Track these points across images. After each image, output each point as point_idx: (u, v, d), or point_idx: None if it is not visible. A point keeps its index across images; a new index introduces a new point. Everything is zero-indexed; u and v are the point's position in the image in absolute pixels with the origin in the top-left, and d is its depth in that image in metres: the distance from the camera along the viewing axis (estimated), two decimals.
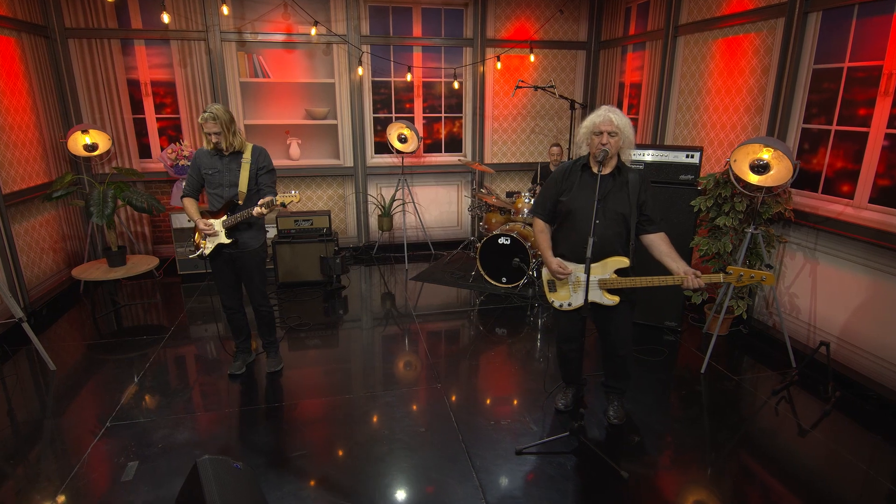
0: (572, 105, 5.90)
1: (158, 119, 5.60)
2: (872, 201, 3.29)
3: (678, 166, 3.94)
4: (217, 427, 2.98)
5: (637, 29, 5.50)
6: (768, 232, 3.76)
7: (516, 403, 3.22)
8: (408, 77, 5.94)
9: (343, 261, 5.13)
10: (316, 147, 6.22)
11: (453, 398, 3.27)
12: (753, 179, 3.42)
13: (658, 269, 2.58)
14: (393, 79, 6.03)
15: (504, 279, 5.07)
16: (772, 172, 3.36)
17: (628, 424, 3.00)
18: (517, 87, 5.97)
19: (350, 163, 6.07)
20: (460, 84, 6.10)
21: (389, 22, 5.86)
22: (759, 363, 3.74)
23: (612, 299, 2.66)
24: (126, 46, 5.34)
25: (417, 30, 5.93)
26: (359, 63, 5.74)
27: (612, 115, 2.51)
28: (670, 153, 3.97)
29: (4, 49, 4.36)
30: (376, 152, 6.20)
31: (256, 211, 3.02)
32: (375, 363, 3.80)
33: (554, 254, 2.76)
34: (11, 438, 2.87)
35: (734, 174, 3.54)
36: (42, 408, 3.19)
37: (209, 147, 3.13)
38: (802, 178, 3.73)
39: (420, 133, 5.85)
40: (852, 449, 2.79)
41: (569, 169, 2.72)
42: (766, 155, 3.35)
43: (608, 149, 2.50)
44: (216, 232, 3.17)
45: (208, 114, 2.99)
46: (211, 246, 3.22)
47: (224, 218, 3.17)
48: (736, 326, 4.14)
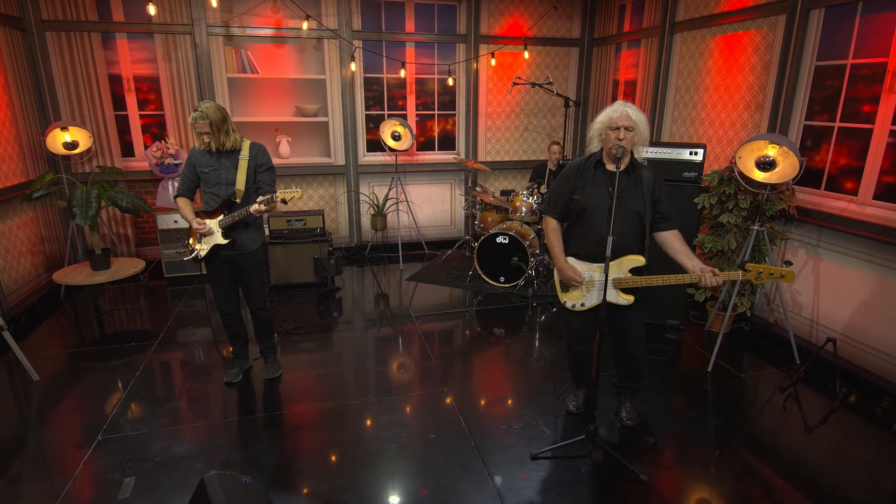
0: (566, 102, 5.85)
1: (142, 116, 5.38)
2: (877, 198, 3.30)
3: (680, 163, 3.91)
4: (216, 438, 2.83)
5: (632, 26, 5.48)
6: (773, 229, 3.76)
7: (526, 406, 3.14)
8: (401, 73, 5.82)
9: (337, 262, 5.00)
10: (306, 145, 6.05)
11: (461, 402, 3.18)
12: (759, 176, 3.41)
13: (668, 268, 2.53)
14: (385, 75, 5.90)
15: (502, 278, 5.00)
16: (777, 169, 3.36)
17: (641, 425, 2.95)
18: (514, 84, 5.89)
19: (342, 161, 5.93)
20: (454, 81, 6.01)
21: (382, 17, 5.73)
22: (763, 360, 3.74)
23: (627, 299, 2.61)
24: (107, 40, 5.11)
25: (410, 25, 5.81)
26: (351, 58, 5.60)
27: (629, 110, 2.45)
28: (672, 150, 3.93)
29: None
30: (368, 150, 6.07)
31: (255, 209, 2.88)
32: (377, 367, 3.69)
33: (566, 253, 2.69)
34: None
35: (739, 171, 3.52)
36: (26, 421, 3.00)
37: (201, 146, 2.99)
38: (805, 175, 3.71)
39: (413, 130, 5.74)
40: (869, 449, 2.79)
41: (581, 166, 2.65)
42: (772, 152, 3.34)
43: (625, 144, 2.44)
44: (212, 231, 3.02)
45: (198, 112, 2.85)
46: (206, 247, 3.07)
47: (220, 217, 3.03)
48: (738, 324, 4.13)
